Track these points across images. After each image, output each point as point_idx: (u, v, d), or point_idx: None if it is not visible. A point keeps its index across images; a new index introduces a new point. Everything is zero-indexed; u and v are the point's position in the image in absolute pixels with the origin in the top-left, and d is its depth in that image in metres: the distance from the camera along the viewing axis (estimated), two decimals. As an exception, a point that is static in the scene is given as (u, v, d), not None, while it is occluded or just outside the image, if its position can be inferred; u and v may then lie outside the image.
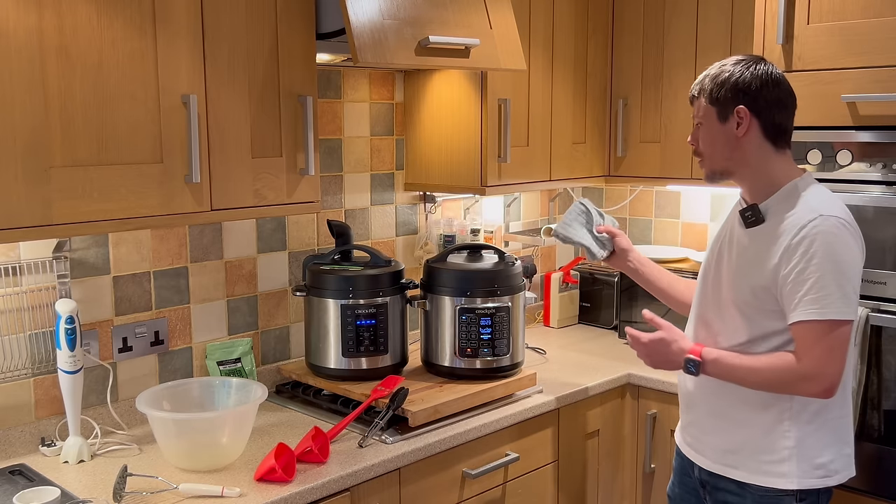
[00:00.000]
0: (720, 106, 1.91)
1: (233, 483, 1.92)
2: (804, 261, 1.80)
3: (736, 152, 1.92)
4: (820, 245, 1.79)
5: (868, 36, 2.21)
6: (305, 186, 2.21)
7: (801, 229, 1.81)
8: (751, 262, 1.91)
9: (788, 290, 1.82)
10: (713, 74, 1.93)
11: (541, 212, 3.48)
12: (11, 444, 2.08)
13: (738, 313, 1.93)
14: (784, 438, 1.90)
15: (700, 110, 1.96)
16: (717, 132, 1.93)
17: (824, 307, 1.78)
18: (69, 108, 1.76)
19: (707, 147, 1.96)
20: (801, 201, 1.87)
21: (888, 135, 2.20)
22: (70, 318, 2.02)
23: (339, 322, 2.40)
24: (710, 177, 1.99)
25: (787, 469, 1.89)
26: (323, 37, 2.21)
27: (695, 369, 1.92)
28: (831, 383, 1.81)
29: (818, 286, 1.78)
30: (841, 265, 1.79)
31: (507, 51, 2.45)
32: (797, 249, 1.81)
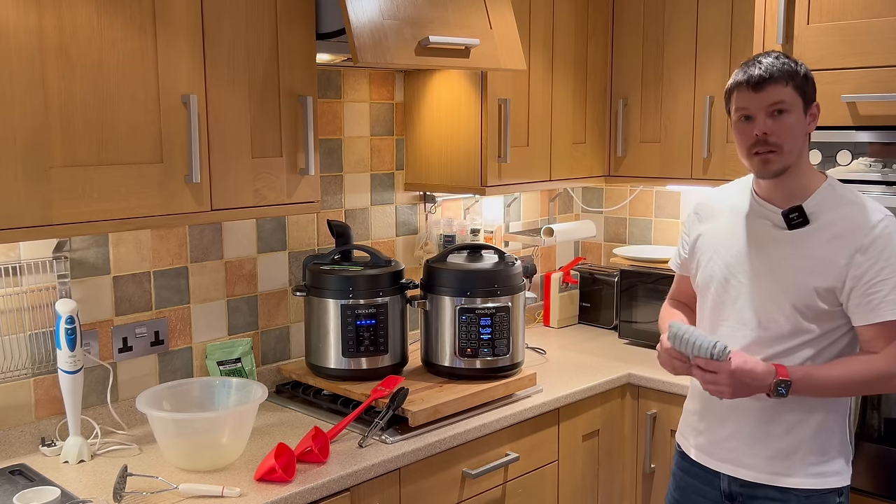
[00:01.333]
0: (806, 98, 1.85)
1: (233, 483, 1.92)
2: (882, 260, 1.79)
3: (802, 147, 1.88)
4: (892, 246, 1.80)
5: (868, 36, 2.21)
6: (305, 186, 2.21)
7: (872, 229, 1.80)
8: (810, 265, 1.85)
9: (865, 291, 1.80)
10: (791, 64, 1.84)
11: (541, 212, 3.48)
12: (11, 444, 2.08)
13: (786, 319, 1.87)
14: (832, 436, 1.90)
15: (786, 97, 1.82)
16: (800, 124, 1.85)
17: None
18: (69, 108, 1.76)
19: (790, 138, 1.83)
20: (849, 201, 1.86)
21: (888, 135, 2.20)
22: (70, 318, 2.02)
23: (339, 322, 2.40)
24: (778, 172, 1.86)
25: (838, 467, 1.90)
26: (323, 37, 2.21)
27: (785, 391, 1.80)
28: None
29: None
30: None
31: (507, 51, 2.45)
32: (872, 250, 1.80)
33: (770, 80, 1.82)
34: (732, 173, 2.84)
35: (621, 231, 3.59)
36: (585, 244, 3.69)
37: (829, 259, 1.83)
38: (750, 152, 1.86)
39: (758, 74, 1.83)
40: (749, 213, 1.97)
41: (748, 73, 1.84)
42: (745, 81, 1.84)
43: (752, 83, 1.83)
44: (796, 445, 1.90)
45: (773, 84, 1.82)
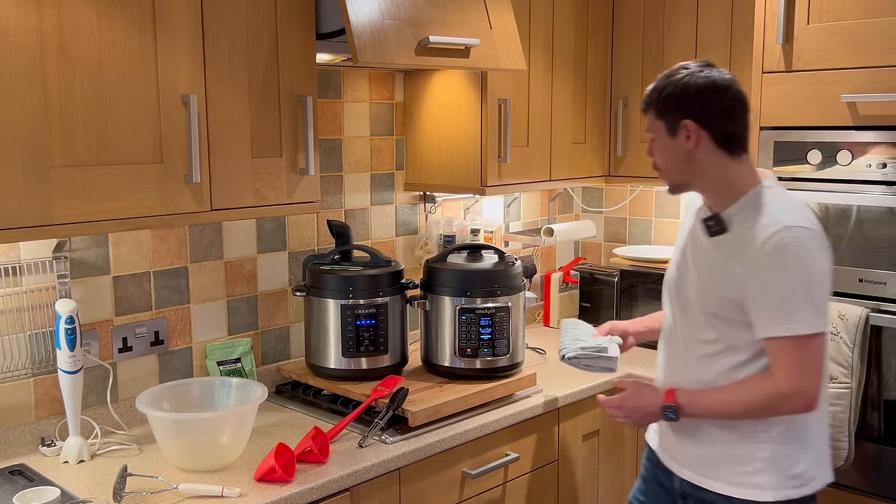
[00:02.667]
0: (668, 120, 1.86)
1: (233, 483, 1.92)
2: (771, 274, 1.75)
3: (690, 165, 1.86)
4: (786, 257, 1.74)
5: (868, 36, 2.21)
6: (305, 186, 2.21)
7: (766, 241, 1.75)
8: (717, 273, 1.86)
9: (756, 304, 1.78)
10: (660, 87, 1.87)
11: (541, 212, 3.48)
12: (11, 444, 2.08)
13: (708, 324, 1.88)
14: (758, 450, 1.85)
15: (650, 124, 1.91)
16: (669, 146, 1.88)
17: (794, 322, 1.74)
18: (69, 108, 1.76)
19: (662, 161, 1.91)
20: (764, 210, 1.81)
21: (888, 135, 2.20)
22: (70, 318, 2.02)
23: (339, 322, 2.40)
24: (672, 189, 1.95)
25: (762, 480, 1.85)
26: (323, 37, 2.21)
27: (674, 415, 1.88)
28: (810, 399, 1.77)
29: (787, 301, 1.74)
30: (809, 277, 1.74)
31: (507, 51, 2.45)
32: (763, 262, 1.75)
33: (644, 110, 1.93)
34: (732, 173, 2.84)
35: (621, 231, 3.59)
36: (585, 244, 3.69)
37: (731, 269, 1.81)
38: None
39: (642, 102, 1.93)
40: (694, 220, 1.99)
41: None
42: None
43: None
44: (719, 452, 1.89)
45: (645, 112, 1.92)
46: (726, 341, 1.86)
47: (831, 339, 2.22)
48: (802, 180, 2.35)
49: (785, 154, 2.38)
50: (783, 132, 2.38)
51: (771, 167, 2.40)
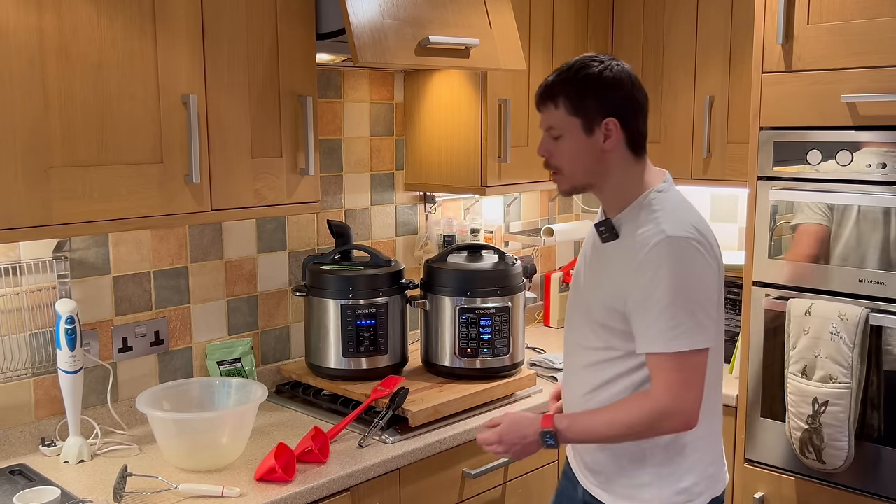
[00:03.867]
0: (586, 117, 1.71)
1: (233, 483, 1.92)
2: (650, 287, 1.64)
3: (599, 166, 1.73)
4: (665, 270, 1.63)
5: (868, 36, 2.21)
6: (305, 186, 2.21)
7: (648, 252, 1.65)
8: (603, 280, 1.76)
9: (636, 318, 1.67)
10: (575, 80, 1.72)
11: (541, 212, 3.48)
12: (11, 444, 2.08)
13: (594, 332, 1.79)
14: (644, 465, 1.78)
15: (558, 121, 1.73)
16: (580, 145, 1.72)
17: (674, 338, 1.63)
18: (69, 108, 1.76)
19: (567, 162, 1.74)
20: (650, 217, 1.69)
21: (888, 135, 2.20)
22: (70, 318, 2.02)
23: (339, 322, 2.40)
24: (569, 192, 1.81)
25: (649, 495, 1.77)
26: (323, 37, 2.21)
27: (553, 441, 1.75)
28: (689, 417, 1.67)
29: (667, 315, 1.63)
30: (689, 290, 1.63)
31: (507, 51, 2.45)
32: (644, 273, 1.65)
33: (541, 102, 1.75)
34: (733, 173, 2.84)
35: (621, 231, 3.58)
36: (585, 244, 3.69)
37: (617, 277, 1.72)
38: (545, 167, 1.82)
39: (537, 94, 1.76)
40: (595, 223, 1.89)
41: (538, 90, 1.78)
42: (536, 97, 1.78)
43: (536, 102, 1.77)
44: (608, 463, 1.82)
45: (544, 106, 1.75)
46: (611, 350, 1.76)
47: (831, 339, 2.22)
48: (802, 180, 2.35)
49: (785, 154, 2.38)
50: (783, 132, 2.38)
51: (771, 167, 2.40)
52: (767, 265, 2.43)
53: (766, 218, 2.42)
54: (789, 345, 2.32)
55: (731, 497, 2.62)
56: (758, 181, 2.43)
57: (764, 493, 2.47)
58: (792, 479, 2.42)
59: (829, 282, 2.31)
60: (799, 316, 2.30)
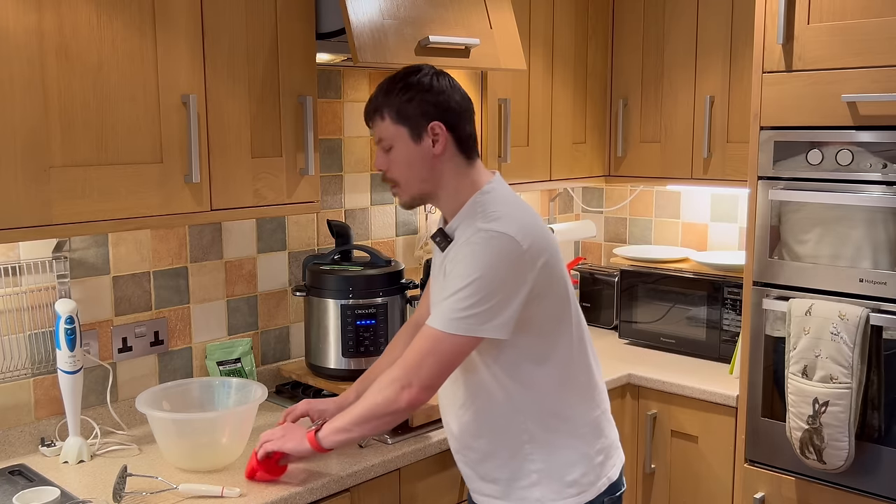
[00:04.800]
0: (411, 125, 1.74)
1: (233, 483, 1.91)
2: (452, 274, 1.69)
3: (433, 172, 1.76)
4: (465, 258, 1.67)
5: (868, 36, 2.21)
6: (305, 186, 2.21)
7: (463, 245, 1.70)
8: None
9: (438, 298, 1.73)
10: (396, 90, 1.75)
11: (541, 212, 3.48)
12: (11, 444, 2.08)
13: None
14: (530, 462, 1.78)
15: (386, 132, 1.77)
16: (411, 153, 1.75)
17: (438, 316, 1.68)
18: (69, 108, 1.76)
19: (402, 172, 1.77)
20: (477, 216, 1.73)
21: (888, 135, 2.20)
22: (70, 318, 2.02)
23: (339, 322, 2.40)
24: (410, 204, 1.82)
25: (539, 494, 1.78)
26: (323, 37, 2.21)
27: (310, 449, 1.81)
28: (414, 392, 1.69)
29: (443, 295, 1.69)
30: (477, 279, 1.65)
31: (507, 51, 2.45)
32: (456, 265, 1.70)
33: (369, 118, 1.79)
34: (733, 173, 2.84)
35: (621, 231, 3.59)
36: (585, 244, 3.69)
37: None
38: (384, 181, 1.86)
39: (365, 112, 1.80)
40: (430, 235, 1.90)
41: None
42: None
43: (365, 119, 1.82)
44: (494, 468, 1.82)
45: (372, 121, 1.79)
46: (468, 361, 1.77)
47: (831, 339, 2.22)
48: (802, 180, 2.35)
49: (785, 154, 2.38)
50: (783, 132, 2.38)
51: (771, 167, 2.40)
52: (767, 265, 2.43)
53: (766, 218, 2.41)
54: (790, 345, 2.32)
55: (731, 497, 2.62)
56: (758, 181, 2.43)
57: (764, 494, 2.47)
58: (792, 479, 2.42)
59: (829, 282, 2.31)
60: (799, 316, 2.30)
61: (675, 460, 2.76)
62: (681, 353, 3.01)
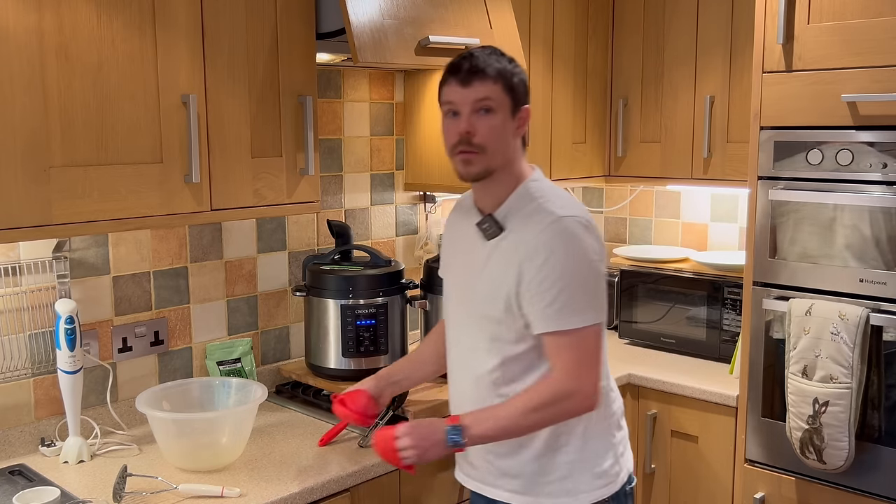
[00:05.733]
0: (514, 99, 1.73)
1: (233, 483, 1.91)
2: (546, 267, 1.66)
3: (508, 151, 1.74)
4: (562, 249, 1.66)
5: (868, 36, 2.21)
6: (305, 186, 2.21)
7: (541, 233, 1.68)
8: (495, 275, 1.74)
9: (532, 299, 1.68)
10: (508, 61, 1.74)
11: (541, 212, 3.48)
12: (11, 444, 2.08)
13: (489, 334, 1.77)
14: (562, 454, 1.77)
15: (496, 95, 1.70)
16: (506, 126, 1.72)
17: (569, 315, 1.66)
18: (69, 108, 1.76)
19: (492, 139, 1.71)
20: (536, 203, 1.73)
21: (888, 135, 2.20)
22: (70, 318, 2.02)
23: (339, 322, 2.40)
24: (478, 175, 1.74)
25: (570, 485, 1.77)
26: (323, 37, 2.21)
27: (459, 437, 1.69)
28: (589, 396, 1.69)
29: (564, 294, 1.65)
30: (583, 268, 1.67)
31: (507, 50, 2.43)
32: (538, 255, 1.67)
33: (478, 75, 1.70)
34: (733, 173, 2.84)
35: (621, 231, 3.59)
36: (585, 244, 3.69)
37: (509, 266, 1.71)
38: (454, 151, 1.74)
39: (467, 68, 1.71)
40: (469, 222, 1.83)
41: (457, 65, 1.73)
42: (454, 73, 1.72)
43: (460, 76, 1.71)
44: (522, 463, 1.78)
45: (482, 80, 1.70)
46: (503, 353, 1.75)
47: (831, 339, 2.22)
48: (802, 180, 2.35)
49: (785, 154, 2.37)
50: (783, 132, 2.38)
51: (771, 167, 2.40)
52: (767, 265, 2.43)
53: (766, 218, 2.41)
54: (790, 345, 2.32)
55: (731, 497, 2.62)
56: (758, 181, 2.43)
57: (764, 494, 2.47)
58: (792, 479, 2.42)
59: (829, 282, 2.31)
60: (799, 316, 2.30)
61: (675, 460, 2.76)
62: (681, 353, 3.01)
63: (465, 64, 1.72)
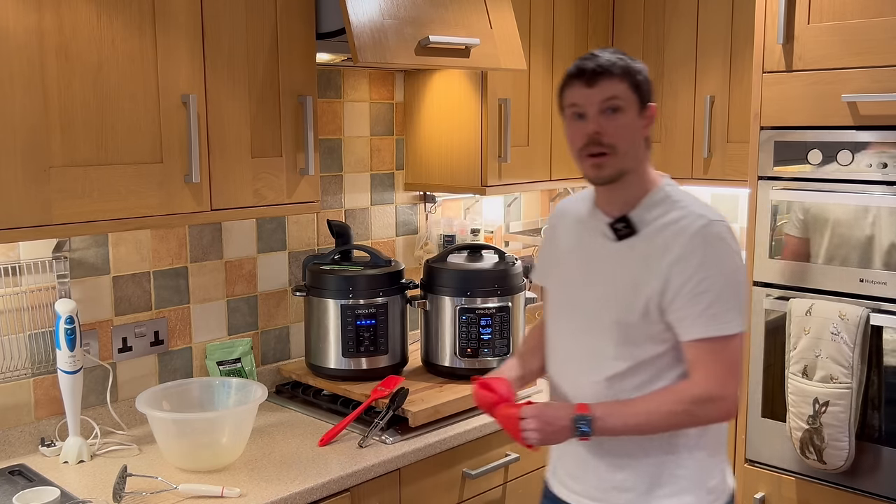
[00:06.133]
0: (641, 98, 1.68)
1: (233, 483, 1.91)
2: (701, 272, 1.62)
3: (638, 151, 1.70)
4: (715, 253, 1.64)
5: (868, 36, 2.21)
6: (305, 186, 2.21)
7: (693, 237, 1.64)
8: (634, 278, 1.69)
9: (682, 304, 1.64)
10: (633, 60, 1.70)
11: (541, 212, 3.48)
12: (11, 444, 2.08)
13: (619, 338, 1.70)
14: (679, 468, 1.72)
15: (623, 94, 1.66)
16: (634, 125, 1.68)
17: (724, 321, 1.63)
18: (69, 107, 1.76)
19: (623, 139, 1.66)
20: (679, 206, 1.70)
21: (888, 135, 2.20)
22: (70, 318, 2.02)
23: (339, 322, 2.40)
24: (611, 177, 1.69)
25: (689, 500, 1.72)
26: (323, 37, 2.21)
27: (587, 428, 1.64)
28: (731, 403, 1.66)
29: (720, 300, 1.62)
30: (736, 274, 1.66)
31: (507, 51, 2.45)
32: (690, 259, 1.63)
33: (604, 75, 1.66)
34: (733, 173, 2.84)
35: (621, 231, 3.58)
36: (585, 244, 3.69)
37: (651, 270, 1.67)
38: (582, 154, 1.69)
39: (592, 68, 1.67)
40: (588, 225, 1.79)
41: (582, 67, 1.69)
42: (578, 75, 1.68)
43: (585, 77, 1.67)
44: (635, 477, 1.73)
45: (608, 79, 1.66)
46: (637, 356, 1.70)
47: (832, 339, 2.22)
48: (802, 180, 2.35)
49: (785, 154, 2.37)
50: (783, 132, 2.38)
51: (771, 167, 2.40)
52: (768, 265, 2.42)
53: (766, 218, 2.41)
54: (790, 345, 2.32)
55: (731, 497, 2.62)
56: (758, 181, 2.43)
57: (764, 494, 2.47)
58: (792, 479, 2.42)
59: (829, 282, 2.31)
60: (799, 316, 2.30)
61: (676, 460, 2.76)
62: (681, 353, 3.01)
63: (590, 64, 1.68)
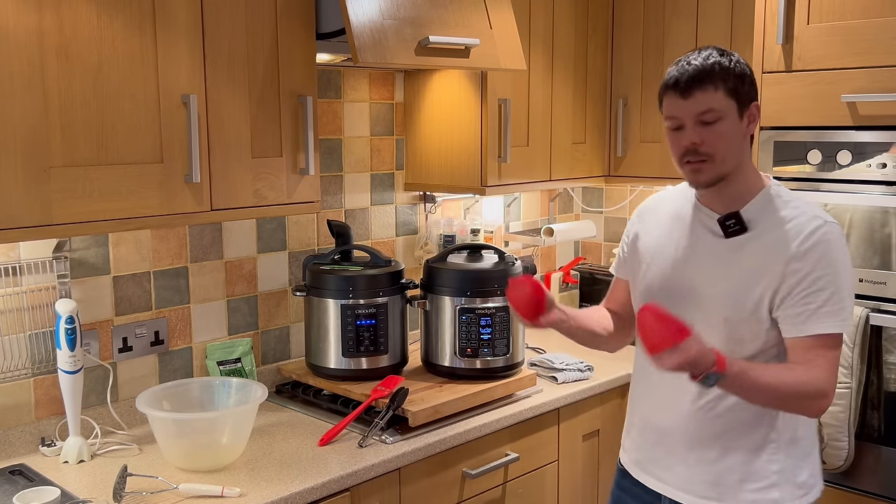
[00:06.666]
0: (740, 101, 1.70)
1: (233, 483, 1.92)
2: (819, 269, 1.66)
3: (741, 153, 1.73)
4: (833, 253, 1.68)
5: (868, 36, 2.21)
6: (305, 186, 2.21)
7: (810, 236, 1.68)
8: (745, 274, 1.72)
9: (798, 301, 1.67)
10: (732, 62, 1.69)
11: (541, 212, 3.48)
12: (11, 444, 2.08)
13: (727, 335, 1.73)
14: (770, 463, 1.75)
15: (718, 103, 1.67)
16: (735, 130, 1.70)
17: (842, 319, 1.67)
18: (69, 108, 1.76)
19: (722, 146, 1.69)
20: (790, 206, 1.74)
21: (888, 135, 2.20)
22: (70, 318, 2.02)
23: (339, 322, 2.40)
24: (710, 182, 1.73)
25: (777, 495, 1.75)
26: (323, 37, 2.21)
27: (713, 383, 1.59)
28: (830, 401, 1.68)
29: (835, 298, 1.66)
30: (849, 278, 1.70)
31: (507, 51, 2.45)
32: (808, 257, 1.67)
33: (698, 86, 1.67)
34: (732, 173, 2.84)
35: (621, 231, 3.57)
36: (585, 244, 3.69)
37: (765, 267, 1.70)
38: (681, 161, 1.73)
39: (686, 79, 1.68)
40: (689, 220, 1.83)
41: (676, 77, 1.70)
42: (674, 86, 1.70)
43: (679, 89, 1.69)
44: (728, 471, 1.77)
45: (702, 90, 1.67)
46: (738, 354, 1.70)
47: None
48: (802, 180, 2.35)
49: (785, 154, 2.38)
50: (783, 132, 2.38)
51: (771, 167, 2.40)
52: (767, 265, 2.42)
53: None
54: (789, 345, 2.32)
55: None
56: (758, 181, 2.43)
57: (764, 493, 2.47)
58: (792, 479, 2.42)
59: (829, 282, 2.31)
60: (799, 316, 2.29)
61: (675, 460, 2.76)
62: (681, 353, 3.01)
63: (683, 74, 1.69)
